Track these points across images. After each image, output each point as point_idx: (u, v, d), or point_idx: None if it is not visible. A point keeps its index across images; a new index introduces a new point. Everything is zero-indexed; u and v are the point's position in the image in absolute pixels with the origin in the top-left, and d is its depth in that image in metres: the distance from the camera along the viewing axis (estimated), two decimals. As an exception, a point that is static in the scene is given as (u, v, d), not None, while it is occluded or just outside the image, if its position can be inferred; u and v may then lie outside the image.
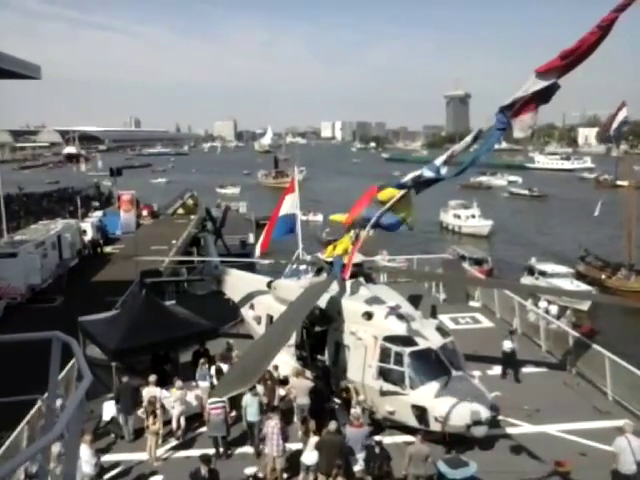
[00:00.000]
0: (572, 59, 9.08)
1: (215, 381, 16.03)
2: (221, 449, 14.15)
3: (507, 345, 18.55)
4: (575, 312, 31.33)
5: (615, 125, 41.01)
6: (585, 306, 34.07)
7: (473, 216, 64.61)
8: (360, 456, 12.83)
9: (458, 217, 65.57)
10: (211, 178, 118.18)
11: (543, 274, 38.03)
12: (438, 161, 13.57)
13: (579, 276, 41.21)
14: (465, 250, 44.34)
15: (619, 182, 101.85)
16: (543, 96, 9.96)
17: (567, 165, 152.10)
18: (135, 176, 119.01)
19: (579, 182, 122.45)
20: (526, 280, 38.40)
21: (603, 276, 41.57)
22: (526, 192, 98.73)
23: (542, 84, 9.65)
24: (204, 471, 11.89)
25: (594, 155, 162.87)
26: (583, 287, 36.49)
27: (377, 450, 12.51)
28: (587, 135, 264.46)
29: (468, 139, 13.18)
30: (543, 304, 28.37)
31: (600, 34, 8.64)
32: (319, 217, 68.21)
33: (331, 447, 12.41)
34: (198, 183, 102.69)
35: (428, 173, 13.57)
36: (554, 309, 28.88)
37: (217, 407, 14.04)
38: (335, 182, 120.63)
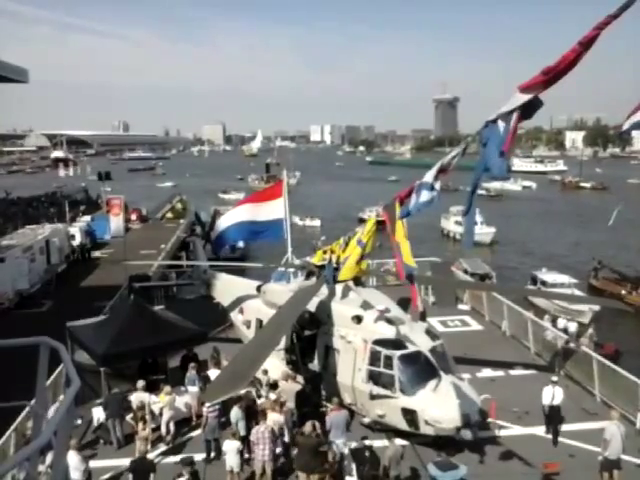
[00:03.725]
0: (553, 75, 9.38)
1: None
2: (213, 453, 14.15)
3: (548, 397, 15.07)
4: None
5: (628, 124, 40.72)
6: (586, 318, 32.58)
7: (475, 223, 61.74)
8: (342, 440, 13.05)
9: (460, 224, 61.17)
10: (209, 182, 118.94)
11: (544, 284, 36.86)
12: (429, 178, 13.29)
13: (593, 291, 38.61)
14: (469, 264, 41.47)
15: (582, 184, 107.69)
16: (525, 112, 10.19)
17: (540, 168, 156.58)
18: (130, 180, 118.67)
19: (548, 184, 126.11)
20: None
21: (623, 291, 37.77)
22: (484, 192, 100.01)
23: (525, 98, 9.92)
24: (186, 474, 11.88)
25: (575, 158, 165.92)
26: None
27: (367, 454, 12.52)
28: (574, 138, 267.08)
29: (456, 152, 13.10)
30: (562, 322, 28.41)
31: (580, 51, 8.85)
32: (316, 222, 66.66)
33: (305, 449, 12.47)
34: (200, 187, 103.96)
35: (426, 196, 13.30)
36: (573, 327, 28.50)
37: (214, 410, 14.17)
38: (325, 186, 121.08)
